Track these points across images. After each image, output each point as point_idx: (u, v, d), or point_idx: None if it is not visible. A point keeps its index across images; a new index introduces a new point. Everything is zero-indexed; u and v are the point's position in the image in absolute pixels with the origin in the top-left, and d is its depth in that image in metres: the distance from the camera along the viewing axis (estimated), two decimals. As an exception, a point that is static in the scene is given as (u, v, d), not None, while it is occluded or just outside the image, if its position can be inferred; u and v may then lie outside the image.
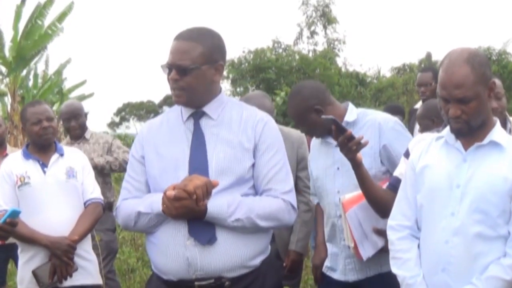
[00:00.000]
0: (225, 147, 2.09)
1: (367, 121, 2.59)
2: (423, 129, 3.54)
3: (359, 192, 2.45)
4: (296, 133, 3.40)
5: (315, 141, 2.79)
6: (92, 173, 3.29)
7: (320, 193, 2.75)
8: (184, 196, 1.96)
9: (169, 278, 2.10)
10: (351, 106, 2.69)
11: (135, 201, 2.16)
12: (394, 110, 5.04)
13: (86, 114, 4.56)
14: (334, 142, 2.41)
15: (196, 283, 2.05)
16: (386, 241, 2.40)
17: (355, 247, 2.50)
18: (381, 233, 2.46)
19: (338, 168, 2.60)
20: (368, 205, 2.43)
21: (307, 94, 2.60)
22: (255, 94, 3.65)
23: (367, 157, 2.43)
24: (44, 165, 3.13)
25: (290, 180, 2.18)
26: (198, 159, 2.08)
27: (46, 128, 3.13)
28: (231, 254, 2.05)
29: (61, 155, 3.19)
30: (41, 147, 3.18)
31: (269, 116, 2.23)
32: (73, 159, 3.21)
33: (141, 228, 2.17)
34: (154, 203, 2.08)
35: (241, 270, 2.08)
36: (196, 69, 2.06)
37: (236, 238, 2.06)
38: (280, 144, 2.19)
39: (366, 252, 2.49)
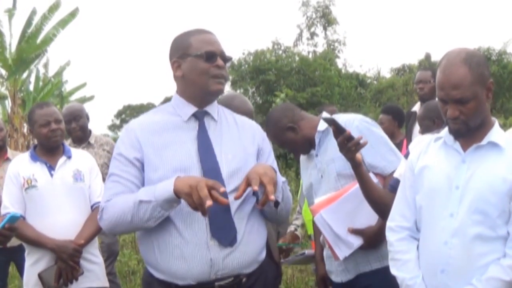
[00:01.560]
0: (230, 148, 2.11)
1: None
2: (424, 130, 3.53)
3: (328, 195, 2.52)
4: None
5: (302, 157, 2.86)
6: (99, 175, 3.27)
7: (313, 202, 2.78)
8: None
9: (187, 283, 2.01)
10: (324, 114, 2.71)
11: (127, 195, 2.02)
12: (390, 110, 5.02)
13: (87, 116, 4.50)
14: (315, 153, 2.62)
15: (216, 283, 2.02)
16: (376, 239, 2.45)
17: (330, 247, 2.55)
18: (357, 232, 2.51)
19: (321, 176, 2.67)
20: (338, 208, 2.48)
21: (277, 117, 2.69)
22: (236, 96, 3.32)
23: (340, 159, 2.45)
24: (51, 168, 3.12)
25: None
26: (208, 160, 2.06)
27: (55, 130, 3.12)
28: (248, 250, 2.07)
29: (69, 157, 3.18)
30: (49, 149, 3.16)
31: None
32: (80, 162, 3.20)
33: (137, 223, 1.99)
34: (158, 190, 1.95)
35: (254, 265, 2.11)
36: (229, 61, 2.18)
37: (249, 234, 2.07)
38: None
39: (342, 252, 2.53)
